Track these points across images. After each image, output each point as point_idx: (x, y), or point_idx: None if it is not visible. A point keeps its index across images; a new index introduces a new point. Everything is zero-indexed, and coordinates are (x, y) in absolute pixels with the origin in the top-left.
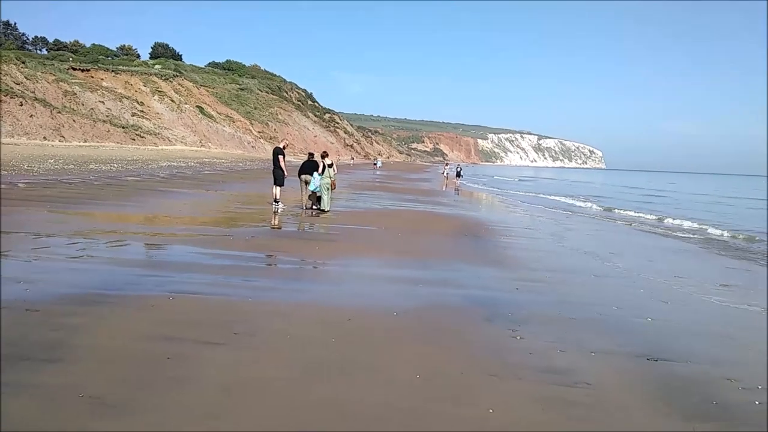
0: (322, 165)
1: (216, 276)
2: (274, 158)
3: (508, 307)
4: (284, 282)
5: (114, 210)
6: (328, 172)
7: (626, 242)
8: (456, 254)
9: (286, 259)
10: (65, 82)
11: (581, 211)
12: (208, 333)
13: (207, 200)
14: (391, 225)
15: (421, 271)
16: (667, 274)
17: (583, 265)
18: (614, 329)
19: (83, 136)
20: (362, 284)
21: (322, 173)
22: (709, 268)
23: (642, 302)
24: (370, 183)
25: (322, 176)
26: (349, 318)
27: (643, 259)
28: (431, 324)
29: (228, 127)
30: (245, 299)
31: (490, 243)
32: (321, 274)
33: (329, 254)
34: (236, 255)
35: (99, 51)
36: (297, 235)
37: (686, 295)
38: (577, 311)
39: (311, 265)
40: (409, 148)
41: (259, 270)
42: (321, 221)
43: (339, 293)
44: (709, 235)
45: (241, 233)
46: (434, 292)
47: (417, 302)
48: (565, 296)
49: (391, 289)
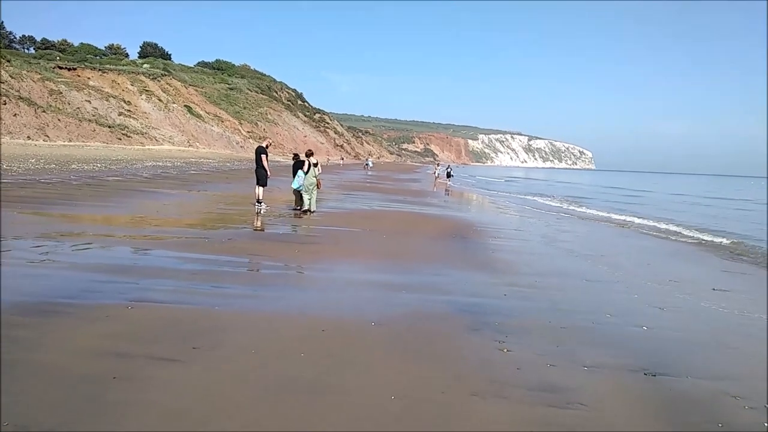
0: (307, 164)
1: (184, 282)
2: (257, 157)
3: (496, 315)
4: (257, 289)
5: (88, 211)
6: (312, 171)
7: (617, 244)
8: (442, 257)
9: (263, 264)
10: (51, 81)
11: (552, 209)
12: (164, 348)
13: (188, 201)
14: (377, 227)
15: (404, 275)
16: (660, 278)
17: (573, 269)
18: (608, 339)
19: (68, 136)
20: (341, 291)
21: (307, 172)
22: (704, 271)
23: (636, 309)
24: (359, 183)
25: (306, 175)
26: (324, 329)
27: (635, 261)
28: (411, 335)
29: (216, 127)
30: (212, 309)
31: (478, 245)
32: (298, 279)
33: (309, 258)
34: (210, 259)
35: (87, 50)
36: (278, 237)
37: (682, 301)
38: (568, 319)
39: (289, 269)
40: (400, 149)
41: (232, 276)
42: (305, 223)
43: (315, 301)
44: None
45: (219, 236)
46: (417, 299)
47: (398, 310)
48: (556, 302)
49: (372, 295)
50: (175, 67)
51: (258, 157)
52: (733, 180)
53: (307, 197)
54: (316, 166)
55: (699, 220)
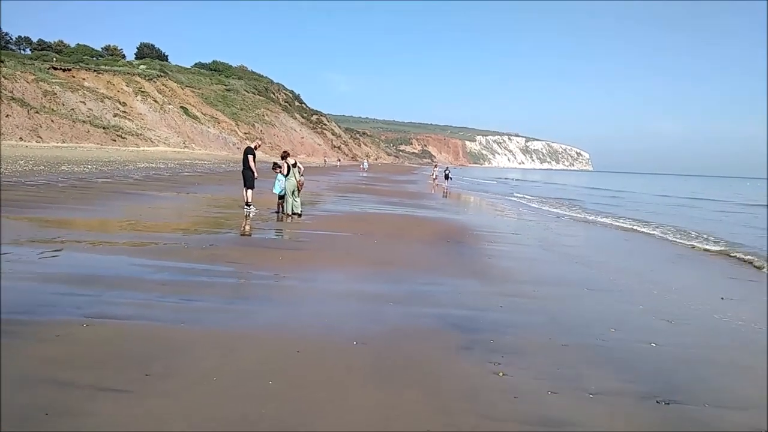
0: (285, 165)
1: (151, 294)
2: (244, 158)
3: (490, 331)
4: (230, 302)
5: (67, 215)
6: (293, 172)
7: (616, 248)
8: (435, 264)
9: (241, 273)
10: (45, 82)
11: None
12: (113, 375)
13: (175, 204)
14: (369, 231)
15: (393, 285)
16: (664, 285)
17: (574, 276)
18: (614, 359)
19: (62, 137)
20: (322, 304)
21: (286, 174)
22: (708, 277)
23: (643, 321)
24: (354, 185)
25: (287, 177)
26: (299, 350)
27: (636, 267)
28: (396, 356)
29: (213, 128)
30: (176, 326)
31: (474, 250)
32: (277, 291)
33: (292, 266)
34: (184, 268)
35: (83, 51)
36: (262, 243)
37: (690, 312)
38: (570, 335)
39: (268, 279)
40: (397, 150)
41: (205, 287)
42: (293, 227)
43: (292, 316)
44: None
45: (200, 241)
46: (405, 313)
47: (383, 327)
48: (556, 315)
49: (356, 309)
50: (171, 68)
51: (245, 158)
52: (731, 181)
53: (291, 200)
54: (295, 166)
55: (663, 220)
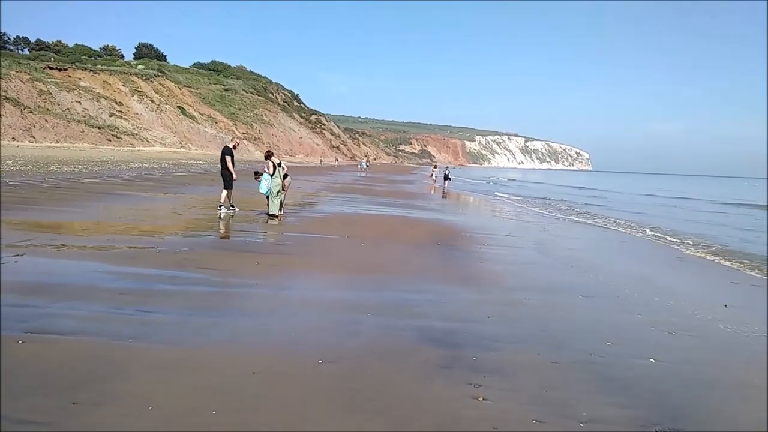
0: (270, 165)
1: (105, 305)
2: (222, 159)
3: (474, 346)
4: (190, 314)
5: (43, 217)
6: (278, 172)
7: (615, 251)
8: (423, 269)
9: (211, 280)
10: (41, 82)
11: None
12: (37, 403)
13: (160, 205)
14: (358, 233)
15: (374, 293)
16: (663, 291)
17: (568, 282)
18: (610, 379)
19: (55, 137)
20: (292, 315)
21: (272, 174)
22: (709, 282)
23: (641, 333)
24: (350, 185)
25: (272, 177)
26: (255, 371)
27: (634, 272)
28: (365, 378)
29: (210, 128)
30: (123, 342)
31: (466, 254)
32: (245, 300)
33: (268, 272)
34: (150, 275)
35: (82, 51)
36: (241, 246)
37: (693, 321)
38: (561, 350)
39: (238, 287)
40: (397, 150)
41: (167, 296)
42: (278, 229)
43: (256, 330)
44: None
45: (176, 244)
46: (382, 325)
47: (355, 342)
48: (547, 327)
49: (329, 321)
50: (169, 68)
51: (223, 159)
52: (730, 181)
53: (277, 200)
54: (280, 166)
55: (646, 220)
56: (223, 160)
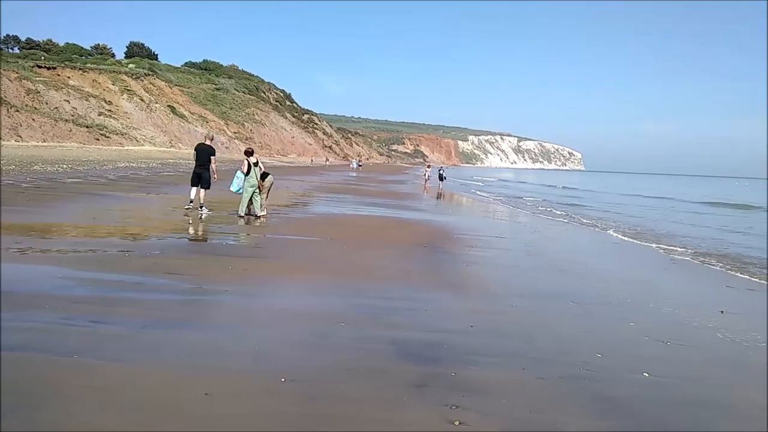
0: (246, 163)
1: (56, 315)
2: (205, 157)
3: (454, 361)
4: (146, 325)
5: (12, 218)
6: (254, 171)
7: (606, 254)
8: (405, 274)
9: (176, 287)
10: (29, 80)
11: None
12: None
13: (140, 205)
14: (341, 235)
15: (351, 300)
16: (656, 296)
17: (558, 287)
18: (599, 397)
19: (43, 136)
20: (260, 326)
21: (247, 173)
22: (703, 287)
23: (634, 343)
24: (340, 185)
25: (247, 176)
26: (208, 392)
27: (628, 274)
28: (330, 399)
29: (201, 128)
30: (66, 358)
31: (452, 257)
32: (211, 309)
33: (241, 277)
34: (112, 281)
35: (72, 50)
36: (217, 249)
37: (688, 330)
38: (548, 364)
39: (206, 294)
40: (390, 150)
41: (126, 305)
42: (259, 231)
43: (216, 344)
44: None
45: (147, 247)
46: (356, 338)
47: (323, 358)
48: (534, 337)
49: (298, 332)
50: (161, 67)
51: (206, 158)
52: (721, 181)
53: (246, 200)
54: (257, 165)
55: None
56: (206, 159)
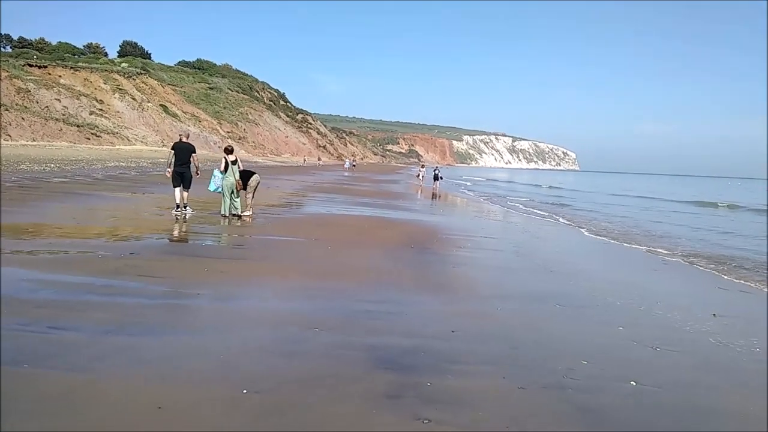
0: (224, 161)
1: (16, 320)
2: (187, 156)
3: (431, 369)
4: (106, 332)
5: None
6: (231, 170)
7: (598, 254)
8: (389, 275)
9: (147, 290)
10: (19, 79)
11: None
12: None
13: (123, 205)
14: (327, 235)
15: (329, 303)
16: (650, 299)
17: (546, 288)
18: (583, 407)
19: (32, 135)
20: (229, 332)
21: (225, 171)
22: (695, 289)
23: (622, 348)
24: (331, 185)
25: (224, 175)
26: (161, 405)
27: (619, 276)
28: (293, 413)
29: (193, 127)
30: (16, 369)
31: (439, 257)
32: (180, 314)
33: (216, 280)
34: (80, 283)
35: (65, 49)
36: (196, 250)
37: (681, 334)
38: (531, 372)
39: (177, 298)
40: (384, 150)
41: (90, 310)
42: (241, 231)
43: (179, 351)
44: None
45: (123, 248)
46: (330, 344)
47: (293, 365)
48: (518, 341)
49: (269, 338)
50: (154, 66)
51: (187, 156)
52: (716, 181)
53: (227, 201)
54: (235, 164)
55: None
56: (188, 157)
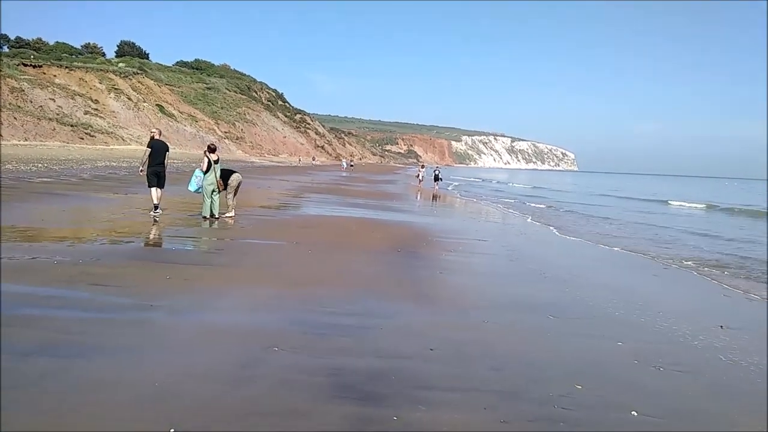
0: (206, 161)
1: None
2: (162, 154)
3: (401, 398)
4: (33, 352)
5: None
6: (214, 169)
7: (595, 260)
8: (369, 283)
9: (95, 301)
10: (13, 79)
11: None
12: None
13: (102, 206)
14: (310, 238)
15: (297, 315)
16: (651, 308)
17: (538, 297)
18: None
19: (24, 135)
20: (175, 352)
21: (206, 171)
22: (700, 296)
23: (622, 369)
24: (325, 185)
25: (205, 175)
26: None
27: (618, 282)
28: None
29: (190, 127)
30: None
31: (426, 262)
32: (123, 330)
33: (177, 289)
34: (21, 293)
35: (62, 49)
36: (164, 255)
37: (687, 350)
38: (516, 401)
39: (127, 311)
40: (383, 150)
41: (21, 325)
42: (218, 234)
43: (109, 376)
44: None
45: (82, 253)
46: (288, 367)
47: (237, 397)
48: (504, 361)
49: (220, 360)
50: (151, 66)
51: (164, 155)
52: (711, 181)
53: (208, 201)
54: (217, 163)
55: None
56: (163, 156)
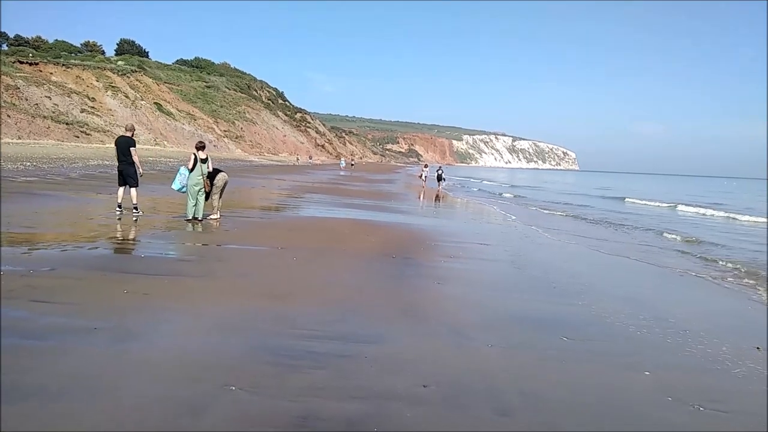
0: (193, 158)
1: None
2: (125, 151)
3: None
4: None
5: None
6: (200, 169)
7: (606, 266)
8: (354, 296)
9: (27, 323)
10: (8, 76)
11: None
12: None
13: (78, 207)
14: (298, 242)
15: (265, 340)
16: (677, 325)
17: (549, 313)
18: None
19: (18, 133)
20: (104, 394)
21: (192, 169)
22: (728, 309)
23: (653, 408)
24: (322, 185)
25: (191, 174)
26: None
27: (635, 293)
28: None
29: (188, 125)
30: None
31: (422, 270)
32: (50, 360)
33: (132, 306)
34: None
35: (62, 47)
36: (128, 264)
37: (723, 382)
38: None
39: (62, 334)
40: (384, 149)
41: None
42: (198, 238)
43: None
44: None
45: (38, 261)
46: (240, 416)
47: None
48: (511, 401)
49: (154, 408)
50: (150, 65)
51: (126, 151)
52: (709, 181)
53: (192, 202)
54: (205, 162)
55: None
56: (127, 152)
